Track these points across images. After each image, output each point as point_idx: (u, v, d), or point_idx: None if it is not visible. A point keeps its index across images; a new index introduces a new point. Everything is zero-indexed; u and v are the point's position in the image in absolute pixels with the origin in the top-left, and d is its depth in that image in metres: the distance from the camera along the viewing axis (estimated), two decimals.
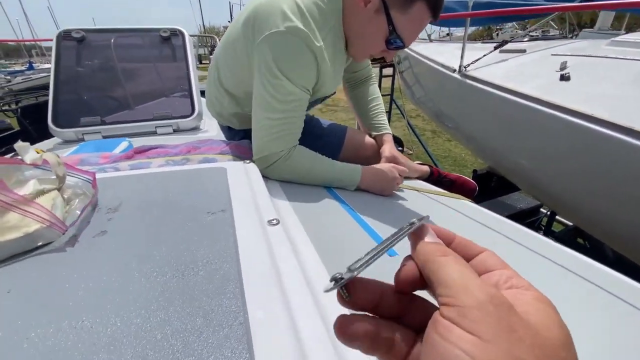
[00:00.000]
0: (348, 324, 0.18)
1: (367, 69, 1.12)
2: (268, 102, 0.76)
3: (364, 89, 1.12)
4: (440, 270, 0.16)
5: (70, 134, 1.18)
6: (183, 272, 0.35)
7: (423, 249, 0.18)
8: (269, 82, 0.75)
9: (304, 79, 0.76)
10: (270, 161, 0.81)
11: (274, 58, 0.72)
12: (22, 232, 0.37)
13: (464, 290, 0.15)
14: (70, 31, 1.29)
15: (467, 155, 4.39)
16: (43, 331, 0.27)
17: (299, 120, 0.81)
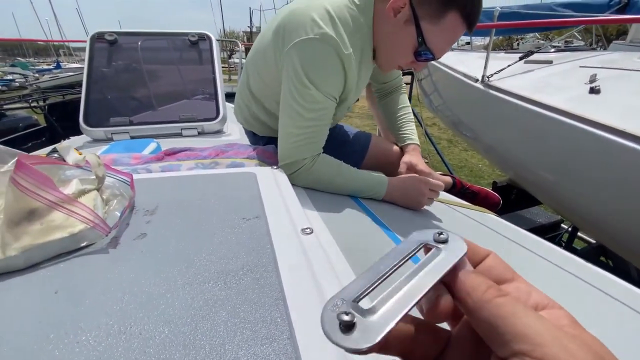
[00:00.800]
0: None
1: (397, 80, 1.11)
2: (295, 110, 0.76)
3: (393, 98, 1.11)
4: (515, 318, 0.13)
5: (100, 133, 1.21)
6: (225, 280, 0.34)
7: (471, 283, 0.15)
8: (296, 90, 0.74)
9: (331, 86, 0.75)
10: (295, 168, 0.81)
11: (302, 65, 0.72)
12: (67, 232, 0.38)
13: (562, 351, 0.12)
14: (103, 33, 1.33)
15: (485, 165, 4.31)
16: (93, 335, 0.27)
17: (324, 128, 0.81)
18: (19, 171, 0.36)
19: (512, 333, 0.13)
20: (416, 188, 0.81)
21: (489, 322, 0.13)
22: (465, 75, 2.30)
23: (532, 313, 0.13)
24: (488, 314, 0.14)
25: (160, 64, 1.43)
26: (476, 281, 0.15)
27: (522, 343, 0.12)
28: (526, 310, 0.13)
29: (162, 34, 1.44)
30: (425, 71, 3.27)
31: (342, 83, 0.77)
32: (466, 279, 0.15)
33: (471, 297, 0.14)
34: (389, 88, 1.11)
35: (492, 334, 0.13)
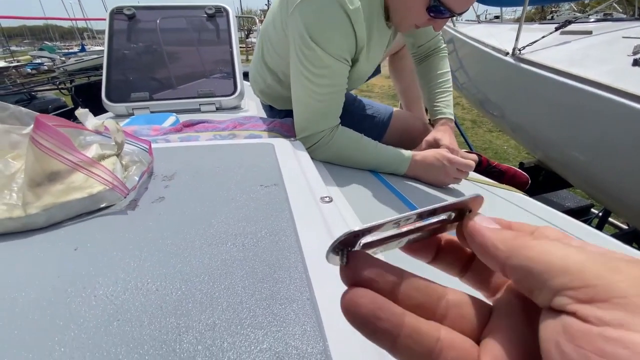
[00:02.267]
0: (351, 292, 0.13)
1: (433, 41, 0.98)
2: (305, 77, 0.72)
3: (430, 63, 0.99)
4: (547, 254, 0.11)
5: (122, 109, 1.23)
6: (243, 242, 0.33)
7: (498, 236, 0.13)
8: (303, 55, 0.70)
9: (340, 46, 0.69)
10: (312, 141, 0.77)
11: (306, 26, 0.67)
12: (86, 193, 0.38)
13: (609, 272, 0.10)
14: (122, 8, 1.32)
15: (510, 147, 4.14)
16: (110, 290, 0.27)
17: (338, 95, 0.76)
18: (39, 130, 0.36)
19: (548, 271, 0.11)
20: (441, 167, 0.76)
21: (523, 268, 0.11)
22: (495, 48, 2.16)
23: (568, 246, 0.11)
24: (520, 260, 0.12)
25: (178, 37, 1.41)
26: (504, 234, 0.13)
27: (560, 277, 0.10)
28: (561, 244, 0.11)
29: (179, 7, 1.42)
30: (450, 46, 3.10)
31: (352, 42, 0.71)
32: (492, 232, 0.13)
33: (500, 249, 0.12)
34: (427, 50, 1.00)
35: (530, 280, 0.11)
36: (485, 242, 0.13)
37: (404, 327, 0.12)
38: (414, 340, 0.12)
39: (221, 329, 0.23)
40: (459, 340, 0.13)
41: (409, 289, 0.13)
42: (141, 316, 0.24)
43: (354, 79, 0.85)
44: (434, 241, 0.16)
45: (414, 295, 0.14)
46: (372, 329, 0.12)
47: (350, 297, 0.13)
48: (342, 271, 0.13)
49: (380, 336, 0.12)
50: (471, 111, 5.25)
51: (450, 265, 0.16)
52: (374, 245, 0.14)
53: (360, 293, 0.13)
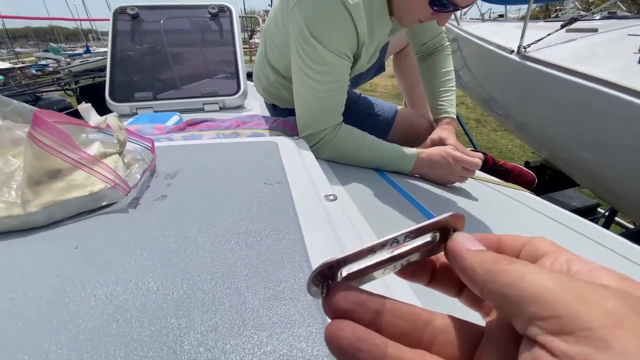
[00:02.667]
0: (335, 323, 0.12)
1: (437, 38, 0.97)
2: (306, 74, 0.71)
3: (433, 61, 0.98)
4: (522, 280, 0.10)
5: (125, 108, 1.22)
6: (246, 241, 0.32)
7: (476, 259, 0.12)
8: (304, 51, 0.69)
9: (340, 42, 0.68)
10: (315, 140, 0.76)
11: (306, 22, 0.66)
12: (87, 191, 0.37)
13: (576, 302, 0.09)
14: (125, 8, 1.32)
15: (515, 147, 4.11)
16: (110, 289, 0.26)
17: (340, 92, 0.74)
18: (38, 127, 0.35)
19: (521, 298, 0.10)
20: (446, 165, 0.74)
21: (500, 294, 0.11)
22: (499, 46, 2.14)
23: (544, 271, 0.11)
24: (497, 285, 0.11)
25: (181, 37, 1.41)
26: (481, 256, 0.12)
27: (532, 305, 0.10)
28: (538, 269, 0.11)
29: (182, 6, 1.41)
30: (454, 45, 3.08)
31: (353, 38, 0.70)
32: (470, 255, 0.13)
33: (477, 272, 0.12)
34: (430, 48, 0.98)
35: (507, 307, 0.11)
36: (464, 265, 0.13)
37: (386, 357, 0.12)
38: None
39: (224, 330, 0.23)
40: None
41: (392, 317, 0.13)
42: (141, 316, 0.24)
43: (357, 74, 0.84)
44: (429, 264, 0.16)
45: (397, 323, 0.13)
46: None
47: (332, 329, 0.12)
48: (323, 303, 0.13)
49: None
50: (475, 110, 5.21)
51: (447, 286, 0.16)
52: (358, 275, 0.14)
53: (341, 326, 0.12)
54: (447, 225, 0.14)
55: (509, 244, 0.14)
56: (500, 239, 0.15)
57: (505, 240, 0.14)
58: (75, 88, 5.15)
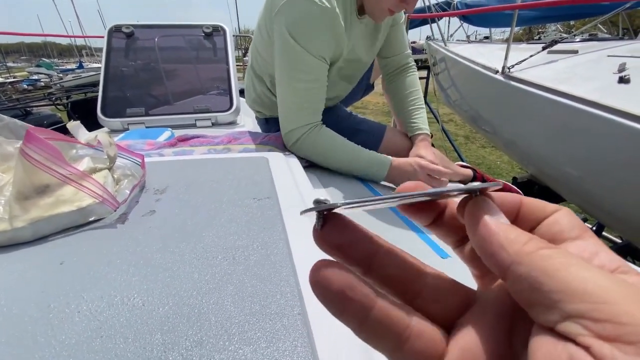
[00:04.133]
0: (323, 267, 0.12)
1: (401, 55, 1.03)
2: (287, 74, 0.76)
3: (400, 81, 1.04)
4: (566, 272, 0.09)
5: (117, 124, 1.23)
6: (234, 256, 0.33)
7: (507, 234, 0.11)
8: (286, 54, 0.75)
9: (319, 45, 0.74)
10: (295, 137, 0.80)
11: (287, 27, 0.72)
12: (75, 206, 0.37)
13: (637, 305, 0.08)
14: (120, 26, 1.34)
15: (503, 163, 4.19)
16: (95, 305, 0.26)
17: (318, 92, 0.79)
18: (29, 143, 0.35)
19: (563, 290, 0.09)
20: (412, 173, 0.79)
21: (531, 279, 0.10)
22: (485, 66, 2.23)
23: (592, 267, 0.10)
24: (529, 269, 0.10)
25: (175, 55, 1.43)
26: (514, 233, 0.11)
27: (578, 302, 0.09)
28: (584, 263, 0.10)
29: (177, 26, 1.44)
30: (441, 65, 3.19)
31: (331, 42, 0.76)
32: (500, 229, 0.11)
33: (506, 250, 0.11)
34: (395, 66, 1.04)
35: (535, 294, 0.10)
36: (490, 238, 0.11)
37: (374, 310, 0.11)
38: (383, 326, 0.11)
39: (209, 346, 0.23)
40: (428, 330, 0.12)
41: (385, 259, 0.13)
42: (126, 332, 0.24)
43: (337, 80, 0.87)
44: (435, 204, 0.14)
45: (388, 267, 0.13)
46: (340, 309, 0.12)
47: (322, 272, 0.11)
48: (316, 234, 0.12)
49: (348, 317, 0.12)
50: (464, 127, 5.34)
51: (448, 234, 0.15)
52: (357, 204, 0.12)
53: (331, 270, 0.11)
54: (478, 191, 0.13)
55: (529, 211, 0.13)
56: (523, 202, 0.13)
57: (527, 205, 0.13)
58: (67, 103, 5.12)
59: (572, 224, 0.12)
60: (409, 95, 1.01)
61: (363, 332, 0.12)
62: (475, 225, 0.12)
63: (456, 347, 0.11)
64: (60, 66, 18.86)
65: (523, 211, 0.13)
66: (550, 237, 0.12)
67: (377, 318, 0.11)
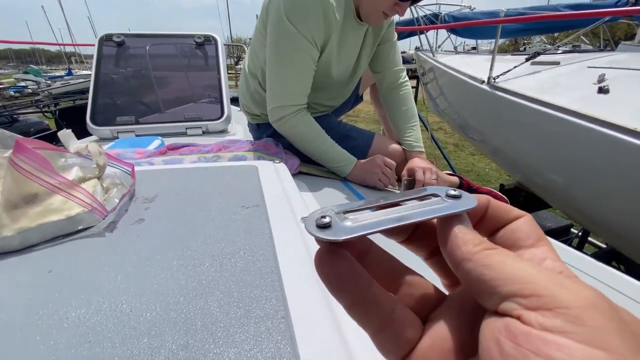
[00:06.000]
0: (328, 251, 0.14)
1: (396, 71, 1.07)
2: (277, 52, 0.81)
3: (394, 97, 1.08)
4: (504, 264, 0.12)
5: (106, 132, 1.23)
6: (221, 263, 0.34)
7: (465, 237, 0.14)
8: (278, 32, 0.79)
9: (311, 28, 0.79)
10: (280, 114, 0.86)
11: (284, 5, 0.77)
12: (64, 215, 0.37)
13: (557, 286, 0.11)
14: (111, 35, 1.35)
15: (491, 170, 4.27)
16: (83, 312, 0.27)
17: (305, 73, 0.84)
18: (18, 153, 0.36)
19: (500, 278, 0.12)
20: (372, 162, 0.86)
21: (476, 273, 0.12)
22: (471, 77, 2.29)
23: (523, 260, 0.12)
24: (475, 265, 0.12)
25: (166, 64, 1.45)
26: (470, 236, 0.14)
27: (510, 284, 0.11)
28: (517, 258, 0.12)
29: (169, 35, 1.46)
30: (430, 75, 3.26)
31: (322, 28, 0.80)
32: (460, 232, 0.14)
33: (460, 249, 0.13)
34: (389, 81, 1.08)
35: (480, 284, 0.12)
36: (451, 240, 0.14)
37: (368, 293, 0.13)
38: (373, 307, 0.13)
39: (194, 349, 0.24)
40: (409, 317, 0.14)
41: (375, 258, 0.15)
42: (113, 337, 0.24)
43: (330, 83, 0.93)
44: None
45: (378, 264, 0.15)
46: (339, 286, 0.13)
47: (329, 255, 0.13)
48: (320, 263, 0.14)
49: (343, 294, 0.13)
50: (453, 135, 5.43)
51: (420, 247, 0.17)
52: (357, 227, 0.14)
53: (338, 254, 0.14)
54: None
55: (494, 214, 0.16)
56: (490, 205, 0.16)
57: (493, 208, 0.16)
58: (55, 110, 5.05)
59: (530, 233, 0.15)
60: (404, 113, 1.05)
61: (355, 310, 0.14)
62: (445, 231, 0.14)
63: (429, 336, 0.14)
64: (49, 73, 18.65)
65: (489, 213, 0.16)
66: (510, 243, 0.15)
67: (369, 299, 0.13)
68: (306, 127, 0.87)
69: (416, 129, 1.04)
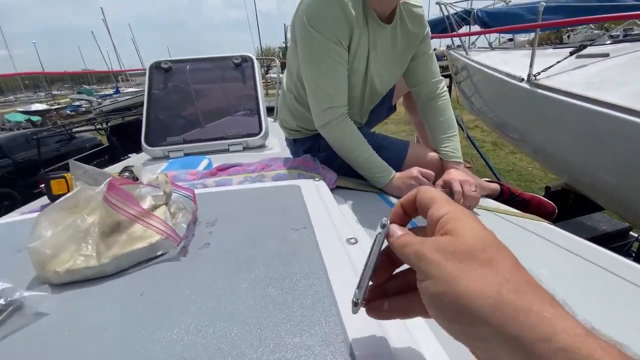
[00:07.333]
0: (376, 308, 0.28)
1: (434, 82, 1.06)
2: (308, 61, 0.86)
3: (433, 108, 1.06)
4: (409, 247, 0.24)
5: (158, 152, 1.34)
6: (282, 286, 0.38)
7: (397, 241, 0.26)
8: (304, 41, 0.84)
9: (333, 28, 0.82)
10: (325, 119, 0.90)
11: (305, 14, 0.82)
12: (147, 242, 0.44)
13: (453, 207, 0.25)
14: (160, 62, 1.48)
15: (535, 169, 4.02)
16: (176, 332, 0.32)
17: (339, 74, 0.87)
18: (111, 191, 0.43)
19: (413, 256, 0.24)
20: (409, 174, 0.89)
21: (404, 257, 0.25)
22: (509, 75, 2.20)
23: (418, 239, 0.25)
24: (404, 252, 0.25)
25: (208, 85, 1.56)
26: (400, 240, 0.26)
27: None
28: (414, 238, 0.25)
29: (209, 59, 1.57)
30: (464, 73, 3.17)
31: (343, 24, 0.83)
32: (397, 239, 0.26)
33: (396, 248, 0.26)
34: (427, 92, 1.07)
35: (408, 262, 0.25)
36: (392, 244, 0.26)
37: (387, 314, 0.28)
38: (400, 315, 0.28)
39: None
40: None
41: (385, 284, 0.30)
42: (203, 355, 0.29)
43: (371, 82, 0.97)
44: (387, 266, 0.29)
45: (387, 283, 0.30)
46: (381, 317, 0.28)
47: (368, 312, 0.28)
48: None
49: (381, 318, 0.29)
50: (491, 133, 5.19)
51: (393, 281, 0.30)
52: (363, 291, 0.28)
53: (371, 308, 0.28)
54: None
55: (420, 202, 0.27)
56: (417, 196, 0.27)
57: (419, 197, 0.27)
58: (106, 127, 5.53)
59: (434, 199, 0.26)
60: (442, 123, 1.04)
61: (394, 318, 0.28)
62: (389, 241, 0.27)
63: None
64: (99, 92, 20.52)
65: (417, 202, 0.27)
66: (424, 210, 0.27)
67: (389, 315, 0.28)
68: (350, 134, 0.91)
69: (455, 139, 1.02)
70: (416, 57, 1.01)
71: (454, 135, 1.03)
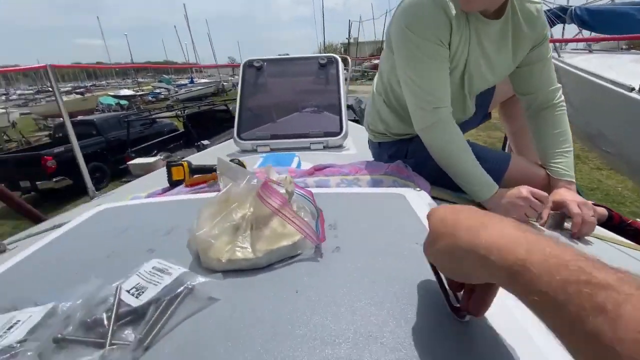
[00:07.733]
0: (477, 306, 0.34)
1: (546, 93, 0.95)
2: (407, 64, 0.85)
3: (547, 118, 0.96)
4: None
5: (248, 145, 1.44)
6: (409, 301, 0.39)
7: None
8: (403, 45, 0.84)
9: (433, 27, 0.80)
10: (424, 124, 0.88)
11: (403, 18, 0.81)
12: (291, 240, 0.48)
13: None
14: (252, 61, 1.58)
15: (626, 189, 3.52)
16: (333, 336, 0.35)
17: (441, 73, 0.85)
18: (264, 189, 0.48)
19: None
20: (517, 192, 0.80)
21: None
22: (615, 83, 1.95)
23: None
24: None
25: (294, 84, 1.62)
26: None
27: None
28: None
29: (297, 58, 1.63)
30: None
31: (442, 22, 0.80)
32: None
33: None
34: (542, 101, 0.97)
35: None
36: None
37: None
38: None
39: None
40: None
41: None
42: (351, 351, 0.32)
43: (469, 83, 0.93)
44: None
45: None
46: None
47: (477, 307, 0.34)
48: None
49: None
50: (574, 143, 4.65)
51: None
52: None
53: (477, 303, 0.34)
54: None
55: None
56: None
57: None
58: (183, 115, 6.08)
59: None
60: (557, 136, 0.94)
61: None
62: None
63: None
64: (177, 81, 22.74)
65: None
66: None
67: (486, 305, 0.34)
68: (455, 138, 0.86)
69: (569, 156, 0.92)
70: (531, 62, 0.92)
71: (569, 151, 0.92)
